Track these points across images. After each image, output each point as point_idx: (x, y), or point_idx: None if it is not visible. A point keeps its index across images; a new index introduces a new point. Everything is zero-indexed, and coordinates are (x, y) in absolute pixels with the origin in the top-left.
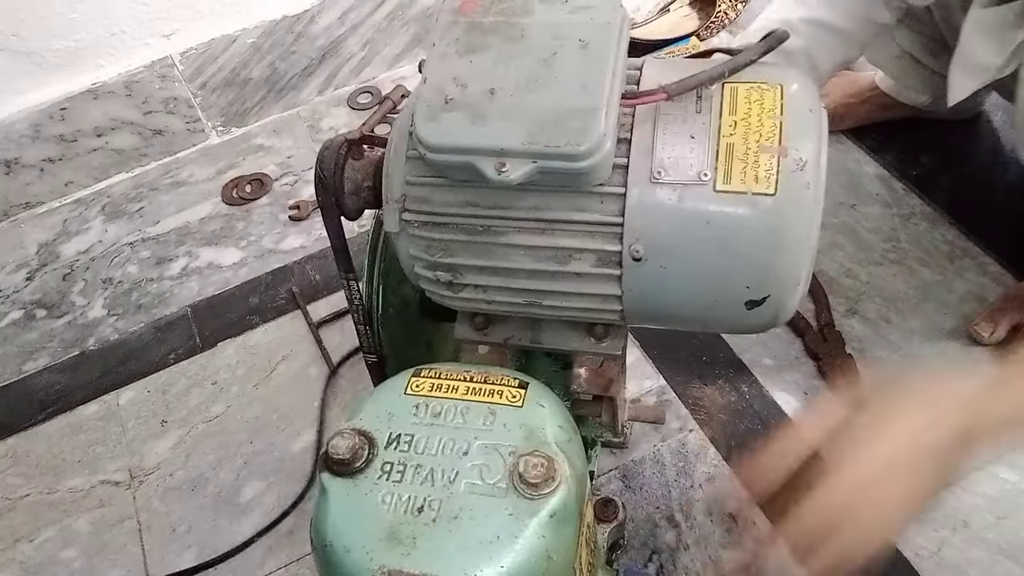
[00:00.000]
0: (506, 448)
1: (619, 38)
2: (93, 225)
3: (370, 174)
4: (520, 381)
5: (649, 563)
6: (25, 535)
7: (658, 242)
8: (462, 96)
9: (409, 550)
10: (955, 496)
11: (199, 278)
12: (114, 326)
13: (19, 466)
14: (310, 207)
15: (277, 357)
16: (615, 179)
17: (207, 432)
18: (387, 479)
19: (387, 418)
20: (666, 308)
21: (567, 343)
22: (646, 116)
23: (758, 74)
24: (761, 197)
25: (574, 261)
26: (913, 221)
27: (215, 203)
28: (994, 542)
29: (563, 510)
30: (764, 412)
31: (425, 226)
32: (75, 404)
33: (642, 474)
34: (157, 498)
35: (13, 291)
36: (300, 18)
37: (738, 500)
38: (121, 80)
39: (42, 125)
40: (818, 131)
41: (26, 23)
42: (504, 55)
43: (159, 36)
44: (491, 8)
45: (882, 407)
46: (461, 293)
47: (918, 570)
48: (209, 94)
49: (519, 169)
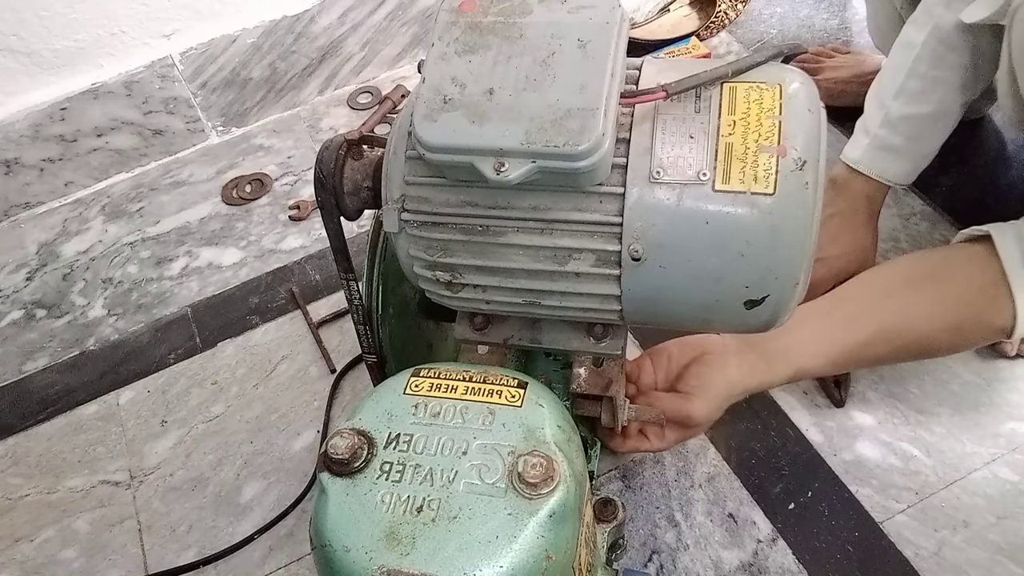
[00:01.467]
0: (505, 448)
1: (618, 38)
2: (93, 225)
3: (369, 174)
4: (519, 381)
5: (649, 563)
6: (25, 535)
7: (657, 242)
8: (461, 96)
9: (408, 550)
10: (955, 496)
11: (199, 278)
12: (114, 326)
13: (19, 466)
14: (310, 207)
15: (277, 357)
16: (614, 179)
17: (207, 432)
18: (386, 479)
19: (386, 418)
20: (665, 308)
21: (567, 343)
22: (645, 116)
23: (757, 74)
24: (760, 197)
25: (573, 261)
26: (913, 221)
27: (215, 203)
28: (994, 542)
29: (562, 510)
30: (764, 412)
31: (424, 226)
32: (75, 404)
33: (642, 474)
34: (157, 498)
35: (13, 291)
36: (300, 18)
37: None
38: (121, 80)
39: (42, 125)
40: (817, 131)
41: (26, 23)
42: (503, 55)
43: (159, 36)
44: (490, 8)
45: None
46: (460, 293)
47: (918, 570)
48: (209, 94)
49: (518, 169)
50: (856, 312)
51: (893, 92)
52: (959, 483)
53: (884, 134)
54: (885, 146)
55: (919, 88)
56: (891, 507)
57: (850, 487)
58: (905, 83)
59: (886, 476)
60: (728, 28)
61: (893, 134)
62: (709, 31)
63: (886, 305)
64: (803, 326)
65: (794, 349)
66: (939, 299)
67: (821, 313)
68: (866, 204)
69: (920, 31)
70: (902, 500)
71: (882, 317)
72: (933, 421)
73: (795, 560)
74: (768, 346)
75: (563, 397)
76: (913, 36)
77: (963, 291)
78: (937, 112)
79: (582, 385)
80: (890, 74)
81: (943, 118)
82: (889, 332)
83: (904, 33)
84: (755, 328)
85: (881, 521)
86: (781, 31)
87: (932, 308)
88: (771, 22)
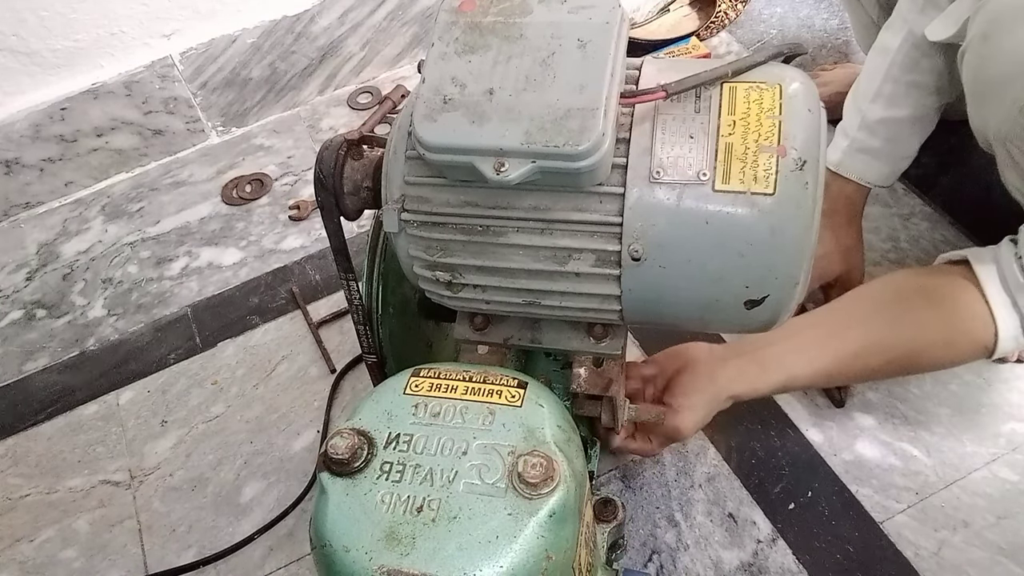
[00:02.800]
0: (505, 448)
1: (618, 38)
2: (93, 225)
3: (369, 174)
4: (519, 381)
5: (649, 563)
6: (25, 535)
7: (657, 242)
8: (461, 96)
9: (408, 550)
10: (955, 496)
11: (199, 278)
12: (114, 326)
13: (19, 466)
14: (310, 207)
15: (277, 357)
16: (614, 179)
17: (207, 432)
18: (386, 479)
19: (386, 418)
20: (665, 308)
21: (567, 343)
22: (645, 116)
23: (757, 74)
24: (760, 196)
25: (573, 261)
26: (913, 221)
27: (215, 203)
28: (994, 542)
29: (562, 510)
30: (764, 412)
31: (424, 226)
32: (75, 404)
33: (642, 474)
34: (157, 498)
35: (13, 291)
36: (300, 18)
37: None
38: (121, 80)
39: (42, 125)
40: (817, 131)
41: (26, 23)
42: (503, 55)
43: (159, 36)
44: (490, 8)
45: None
46: (460, 293)
47: (918, 570)
48: (209, 94)
49: (518, 169)
50: (848, 323)
51: (870, 96)
52: (959, 483)
53: (862, 137)
54: (863, 149)
55: (895, 92)
56: (891, 507)
57: (850, 487)
58: (881, 87)
59: (886, 476)
60: (728, 28)
61: (871, 137)
62: (709, 31)
63: (877, 317)
64: (796, 334)
65: (787, 355)
66: (929, 314)
67: (813, 323)
68: (845, 205)
69: (895, 36)
70: (902, 500)
71: (874, 328)
72: (933, 421)
73: (795, 560)
74: (760, 352)
75: (563, 397)
76: (888, 41)
77: (950, 309)
78: (913, 115)
79: (582, 385)
80: (867, 79)
81: (919, 121)
82: (881, 344)
83: (880, 39)
84: (755, 328)
85: (881, 521)
86: (781, 31)
87: (923, 322)
88: (771, 22)
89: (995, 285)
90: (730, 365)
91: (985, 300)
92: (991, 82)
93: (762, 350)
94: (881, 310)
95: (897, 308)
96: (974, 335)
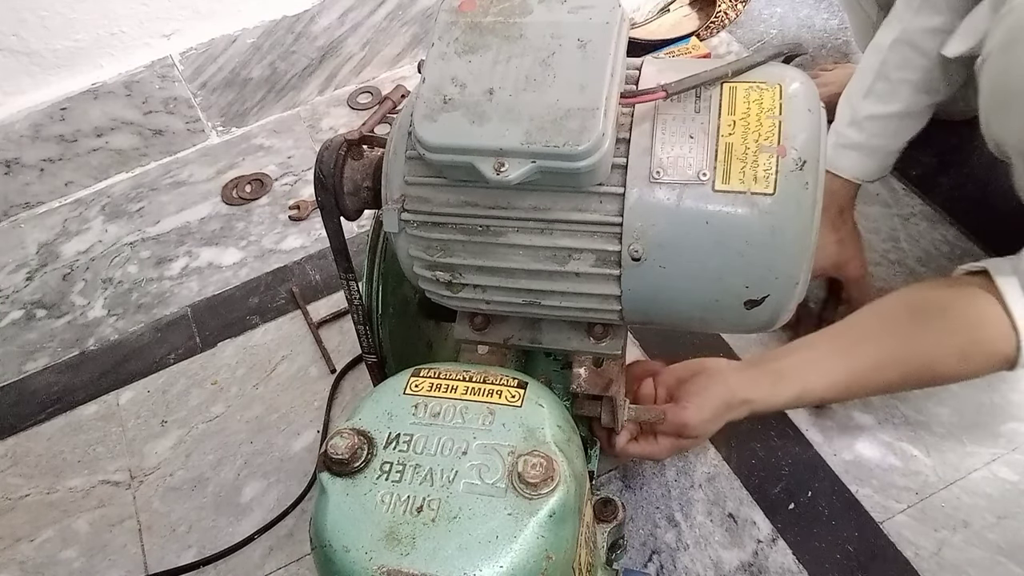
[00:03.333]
0: (505, 448)
1: (618, 38)
2: (93, 225)
3: (369, 174)
4: (519, 381)
5: (649, 563)
6: (25, 535)
7: (657, 242)
8: (461, 96)
9: (408, 550)
10: (955, 496)
11: (199, 278)
12: (114, 326)
13: (19, 466)
14: (310, 207)
15: (277, 357)
16: (614, 179)
17: (207, 432)
18: (386, 479)
19: (386, 418)
20: (665, 308)
21: (567, 343)
22: (645, 116)
23: (757, 74)
24: (760, 196)
25: (573, 261)
26: (913, 221)
27: (215, 203)
28: (994, 542)
29: (562, 510)
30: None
31: (424, 226)
32: (75, 404)
33: (642, 474)
34: (157, 498)
35: (13, 291)
36: (300, 18)
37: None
38: (121, 80)
39: (42, 125)
40: (817, 131)
41: (26, 23)
42: (503, 55)
43: (159, 36)
44: (490, 8)
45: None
46: (460, 293)
47: (918, 570)
48: (209, 94)
49: (518, 169)
50: (863, 337)
51: (862, 93)
52: (959, 483)
53: (850, 133)
54: (850, 144)
55: (886, 89)
56: (891, 507)
57: (850, 487)
58: (873, 84)
59: (886, 476)
60: (728, 28)
61: (858, 132)
62: (709, 31)
63: (893, 332)
64: (811, 348)
65: (803, 367)
66: (945, 328)
67: (830, 337)
68: (832, 200)
69: (889, 35)
70: (902, 500)
71: (889, 343)
72: (933, 421)
73: (795, 560)
74: (776, 363)
75: (563, 397)
76: (882, 40)
77: (967, 322)
78: (904, 112)
79: (582, 385)
80: (860, 76)
81: (908, 117)
82: (897, 357)
83: (876, 37)
84: (755, 328)
85: (881, 521)
86: (781, 31)
87: (939, 336)
88: (771, 22)
89: (1016, 296)
90: (745, 373)
91: (1007, 311)
92: (1013, 92)
93: (778, 361)
94: (897, 324)
95: (913, 322)
96: (994, 347)
